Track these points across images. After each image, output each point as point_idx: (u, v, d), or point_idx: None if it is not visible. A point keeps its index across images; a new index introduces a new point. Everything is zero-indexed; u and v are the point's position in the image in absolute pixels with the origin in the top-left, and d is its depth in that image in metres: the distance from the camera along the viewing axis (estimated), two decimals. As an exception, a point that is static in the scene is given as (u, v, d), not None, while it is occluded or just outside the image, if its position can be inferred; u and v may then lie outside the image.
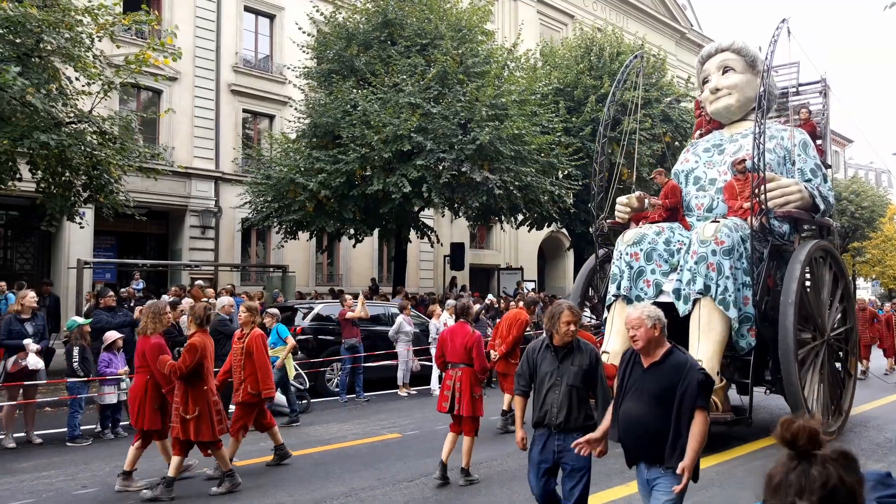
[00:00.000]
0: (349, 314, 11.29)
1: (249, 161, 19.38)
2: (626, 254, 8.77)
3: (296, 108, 16.93)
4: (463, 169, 13.92)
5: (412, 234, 18.00)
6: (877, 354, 15.91)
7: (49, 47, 10.48)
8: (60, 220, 12.66)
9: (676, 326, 8.21)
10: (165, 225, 19.65)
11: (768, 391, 8.95)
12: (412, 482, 6.35)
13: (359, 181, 13.97)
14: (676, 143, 18.31)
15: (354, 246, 18.82)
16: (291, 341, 9.38)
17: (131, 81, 12.26)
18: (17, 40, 10.02)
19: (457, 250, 21.83)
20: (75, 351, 8.16)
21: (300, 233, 16.56)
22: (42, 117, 10.10)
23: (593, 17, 29.49)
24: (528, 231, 21.10)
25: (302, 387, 10.66)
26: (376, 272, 23.26)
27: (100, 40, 11.35)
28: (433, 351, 12.31)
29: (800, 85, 11.21)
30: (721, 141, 10.03)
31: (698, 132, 10.82)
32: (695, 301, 8.03)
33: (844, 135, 49.61)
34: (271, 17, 21.27)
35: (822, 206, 9.04)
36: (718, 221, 8.35)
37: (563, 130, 16.67)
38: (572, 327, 4.23)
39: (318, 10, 16.75)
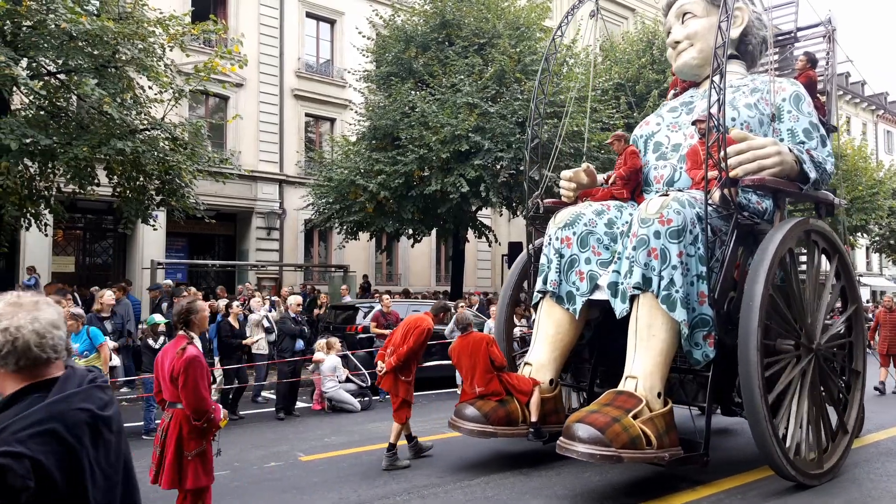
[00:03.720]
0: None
1: (311, 164, 19.84)
2: (557, 239, 7.12)
3: (356, 111, 17.25)
4: (521, 168, 13.87)
5: (470, 234, 18.04)
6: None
7: (124, 58, 11.00)
8: (135, 223, 13.26)
9: (621, 331, 6.49)
10: (233, 226, 20.37)
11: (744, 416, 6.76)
12: (472, 482, 6.38)
13: (417, 182, 14.10)
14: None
15: (413, 246, 19.01)
16: (106, 350, 7.48)
17: (200, 89, 12.73)
18: (95, 52, 10.56)
19: (515, 249, 21.72)
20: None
21: (360, 233, 16.84)
22: (118, 125, 10.62)
23: (655, 10, 28.84)
24: (588, 229, 20.80)
25: (364, 384, 10.86)
26: (434, 272, 23.46)
27: (171, 50, 11.85)
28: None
29: (798, 29, 9.15)
30: (692, 98, 8.11)
31: (672, 92, 9.00)
32: (633, 298, 6.25)
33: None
34: (332, 23, 21.69)
35: (812, 175, 6.78)
36: (668, 195, 6.44)
37: (624, 126, 16.39)
38: None
39: (377, 14, 17.00)
